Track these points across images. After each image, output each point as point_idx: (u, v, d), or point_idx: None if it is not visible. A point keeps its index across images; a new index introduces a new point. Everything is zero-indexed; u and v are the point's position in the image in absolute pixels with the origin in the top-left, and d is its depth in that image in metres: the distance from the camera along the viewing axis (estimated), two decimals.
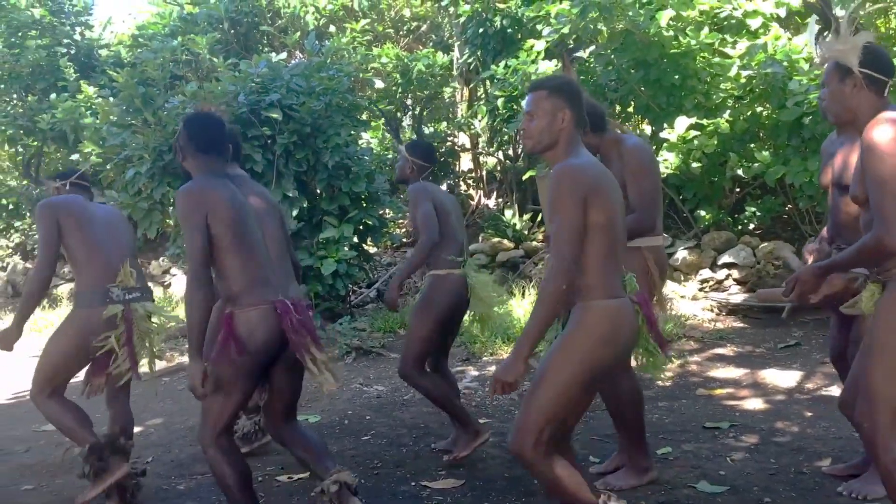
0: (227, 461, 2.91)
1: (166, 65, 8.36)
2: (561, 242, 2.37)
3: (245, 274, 2.88)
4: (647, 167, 3.45)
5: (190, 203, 2.84)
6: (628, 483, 3.41)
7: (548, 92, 2.57)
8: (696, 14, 7.50)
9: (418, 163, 4.14)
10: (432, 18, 13.36)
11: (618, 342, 2.45)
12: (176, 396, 5.85)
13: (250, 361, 2.87)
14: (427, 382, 4.00)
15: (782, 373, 5.42)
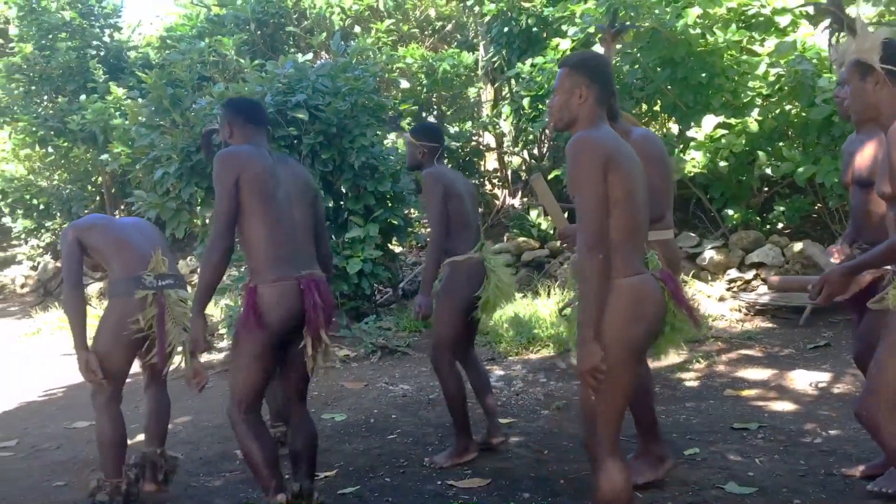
0: (254, 437, 2.97)
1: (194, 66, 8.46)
2: (588, 217, 2.32)
3: (270, 246, 2.94)
4: (653, 157, 3.34)
5: (224, 164, 2.93)
6: (646, 478, 3.38)
7: (569, 68, 2.54)
8: (723, 11, 7.43)
9: (427, 145, 4.09)
10: (457, 18, 13.36)
11: (647, 318, 2.38)
12: (204, 394, 5.87)
13: (269, 335, 2.93)
14: (452, 378, 3.96)
15: (811, 373, 5.35)
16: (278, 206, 2.99)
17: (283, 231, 2.99)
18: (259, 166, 2.96)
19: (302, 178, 3.20)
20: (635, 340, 2.37)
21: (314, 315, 2.97)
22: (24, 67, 12.09)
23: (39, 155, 13.18)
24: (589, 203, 2.32)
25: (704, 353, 6.03)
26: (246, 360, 2.96)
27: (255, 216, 2.93)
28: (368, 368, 6.35)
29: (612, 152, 2.36)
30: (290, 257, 2.99)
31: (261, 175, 2.94)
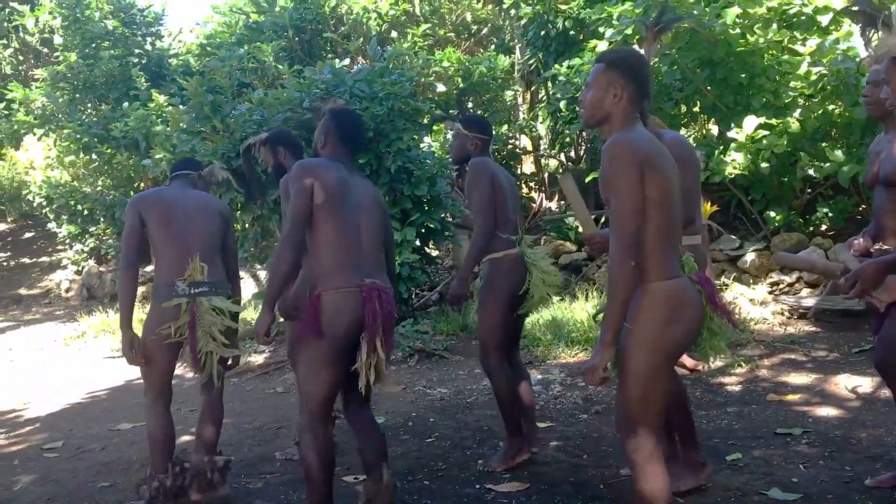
0: (315, 452, 2.99)
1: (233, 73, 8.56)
2: (622, 219, 2.29)
3: (336, 253, 2.99)
4: (683, 160, 3.28)
5: (303, 171, 3.01)
6: (687, 485, 3.34)
7: (605, 65, 2.49)
8: (763, 11, 7.32)
9: (480, 137, 4.08)
10: (493, 21, 13.37)
11: (683, 321, 2.36)
12: (244, 397, 5.97)
13: (334, 344, 2.96)
14: (503, 378, 3.92)
15: (857, 378, 5.24)
16: (348, 215, 3.04)
17: (349, 239, 3.03)
18: (333, 176, 3.04)
19: (372, 192, 3.25)
20: (672, 343, 2.35)
21: (372, 323, 2.98)
22: (68, 76, 12.35)
23: (83, 161, 13.46)
24: (624, 207, 2.29)
25: (746, 357, 5.94)
26: (312, 368, 2.98)
27: (325, 223, 2.99)
28: (406, 372, 6.37)
29: (649, 154, 2.33)
30: (355, 265, 3.02)
31: (334, 184, 3.02)
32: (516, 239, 3.99)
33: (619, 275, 2.29)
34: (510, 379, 3.96)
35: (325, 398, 3.01)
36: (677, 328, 2.35)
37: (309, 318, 2.96)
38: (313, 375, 2.98)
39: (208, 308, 3.55)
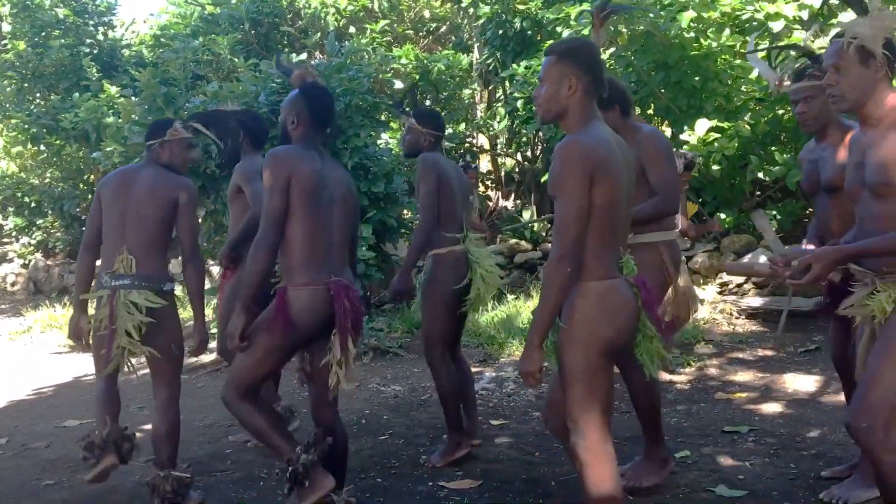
0: (255, 411, 2.98)
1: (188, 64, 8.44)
2: (566, 225, 2.28)
3: (306, 249, 2.95)
4: (664, 153, 3.42)
5: (277, 164, 2.92)
6: (651, 480, 3.39)
7: (557, 57, 2.43)
8: (717, 16, 7.45)
9: (432, 132, 4.06)
10: (452, 19, 13.38)
11: (616, 321, 2.37)
12: (195, 394, 5.89)
13: (293, 337, 2.95)
14: (444, 373, 3.96)
15: (802, 377, 5.37)
16: (321, 209, 2.99)
17: (321, 234, 2.99)
18: (308, 169, 2.96)
19: (346, 183, 3.19)
20: (605, 342, 2.36)
21: (344, 320, 2.97)
22: (16, 65, 12.04)
23: (31, 152, 13.13)
24: (569, 212, 2.28)
25: (696, 357, 6.04)
26: (261, 352, 2.95)
27: (298, 218, 2.93)
28: (360, 369, 6.34)
29: (601, 160, 2.31)
30: (324, 261, 2.99)
31: (310, 178, 2.94)
32: (461, 236, 4.00)
33: (555, 278, 2.29)
34: (452, 373, 4.00)
35: (259, 382, 3.03)
36: (610, 327, 2.36)
37: (276, 311, 2.93)
38: (258, 359, 2.95)
39: (124, 302, 3.38)
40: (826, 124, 3.35)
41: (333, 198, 3.07)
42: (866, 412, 2.33)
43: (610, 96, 3.26)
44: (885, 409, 2.31)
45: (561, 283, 2.30)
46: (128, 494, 3.69)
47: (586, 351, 2.35)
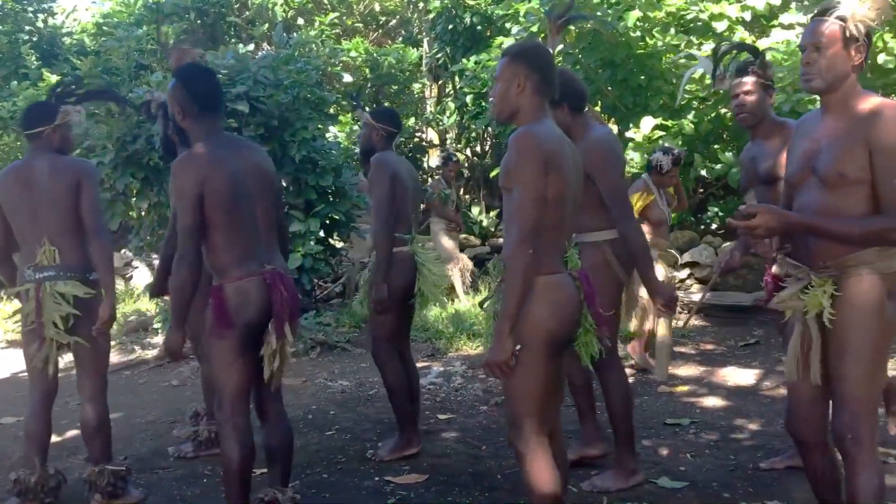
0: (237, 443, 2.90)
1: (131, 54, 8.25)
2: (524, 212, 2.33)
3: (234, 247, 2.87)
4: (609, 161, 3.34)
5: (186, 175, 2.80)
6: (616, 485, 3.40)
7: (509, 58, 2.52)
8: (662, 15, 7.57)
9: (386, 129, 4.03)
10: (402, 13, 13.34)
11: (559, 316, 2.41)
12: (137, 390, 5.78)
13: (243, 332, 2.87)
14: (392, 370, 3.98)
15: (742, 371, 5.51)
16: (244, 209, 2.89)
17: (246, 230, 2.90)
18: (221, 175, 2.82)
19: (262, 168, 3.04)
20: (552, 334, 2.40)
21: (281, 310, 2.91)
22: None
23: None
24: (527, 198, 2.33)
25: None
26: (225, 361, 2.89)
27: (218, 222, 2.84)
28: (308, 364, 6.30)
29: (554, 151, 2.38)
30: (254, 253, 2.92)
31: (224, 183, 2.82)
32: (409, 237, 4.00)
33: (518, 264, 2.32)
34: (399, 370, 4.01)
35: (242, 389, 2.94)
36: (554, 322, 2.40)
37: (213, 311, 2.86)
38: (227, 368, 2.89)
39: (51, 293, 3.29)
40: (762, 119, 3.43)
41: (252, 191, 2.94)
42: (850, 426, 2.30)
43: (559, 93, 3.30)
44: (868, 415, 2.30)
45: (525, 266, 2.32)
46: (68, 491, 3.60)
47: (533, 342, 2.38)
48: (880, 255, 2.29)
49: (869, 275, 2.29)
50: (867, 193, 2.29)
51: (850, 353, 2.31)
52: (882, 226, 2.26)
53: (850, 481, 2.33)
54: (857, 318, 2.30)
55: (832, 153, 2.34)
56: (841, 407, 2.34)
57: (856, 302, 2.30)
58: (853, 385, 2.31)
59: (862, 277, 2.30)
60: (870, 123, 2.26)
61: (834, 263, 2.33)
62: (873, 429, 2.31)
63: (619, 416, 3.46)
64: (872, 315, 2.29)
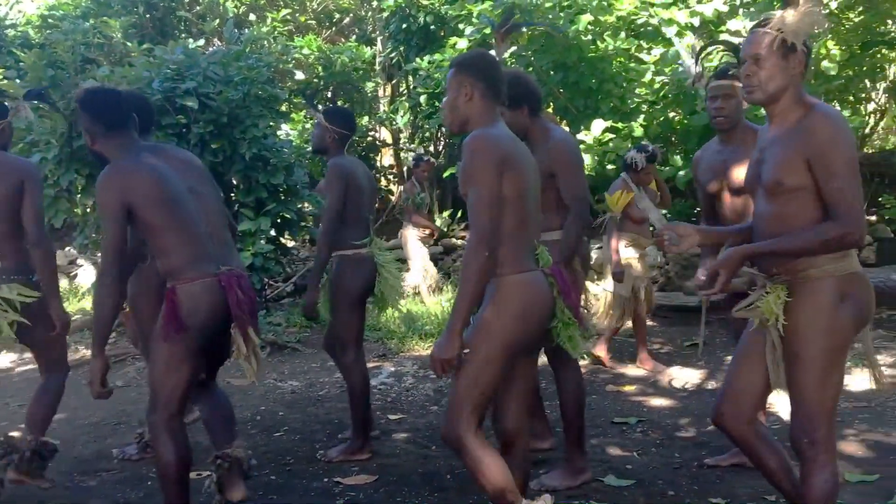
0: (174, 446, 2.85)
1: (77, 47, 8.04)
2: (480, 212, 2.35)
3: (184, 249, 2.81)
4: (573, 162, 3.44)
5: (109, 191, 2.73)
6: (564, 484, 3.43)
7: (456, 68, 2.56)
8: (613, 20, 7.67)
9: (339, 131, 4.00)
10: (355, 11, 13.27)
11: (531, 317, 2.44)
12: (80, 391, 5.64)
13: (195, 337, 2.81)
14: (357, 374, 3.95)
15: (688, 370, 5.60)
16: (184, 208, 2.84)
17: (194, 231, 2.85)
18: (151, 181, 2.77)
19: (192, 165, 3.04)
20: (513, 337, 2.41)
21: (240, 312, 2.86)
22: None
23: None
24: (482, 199, 2.35)
25: (589, 350, 6.21)
26: (172, 363, 2.82)
27: (165, 228, 2.78)
28: None
29: (508, 152, 2.41)
30: (207, 254, 2.86)
31: (156, 188, 2.77)
32: (367, 240, 3.99)
33: (474, 264, 2.33)
34: (365, 374, 3.99)
35: (183, 394, 2.88)
36: (521, 323, 2.42)
37: (167, 313, 2.79)
38: (172, 371, 2.82)
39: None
40: (736, 124, 3.47)
41: (187, 187, 2.91)
42: (804, 429, 2.34)
43: (518, 95, 3.33)
44: (823, 418, 2.33)
45: (480, 268, 2.33)
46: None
47: (491, 342, 2.39)
48: (829, 258, 2.31)
49: (818, 279, 2.32)
50: (812, 199, 2.32)
51: (801, 359, 2.34)
52: (836, 231, 2.26)
53: (805, 482, 2.37)
54: (806, 323, 2.32)
55: (771, 162, 2.39)
56: (796, 412, 2.38)
57: (805, 308, 2.33)
58: (806, 390, 2.34)
59: (812, 283, 2.33)
60: (803, 131, 2.31)
61: (784, 270, 2.37)
62: (829, 431, 2.34)
63: (571, 414, 3.50)
64: (822, 319, 2.31)
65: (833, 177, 2.26)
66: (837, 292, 2.31)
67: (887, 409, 4.53)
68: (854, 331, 2.37)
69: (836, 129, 2.28)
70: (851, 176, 2.26)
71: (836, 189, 2.26)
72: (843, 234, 2.26)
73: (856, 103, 9.88)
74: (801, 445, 2.36)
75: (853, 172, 2.27)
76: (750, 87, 2.40)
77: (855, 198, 2.26)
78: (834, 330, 2.32)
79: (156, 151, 2.98)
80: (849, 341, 2.38)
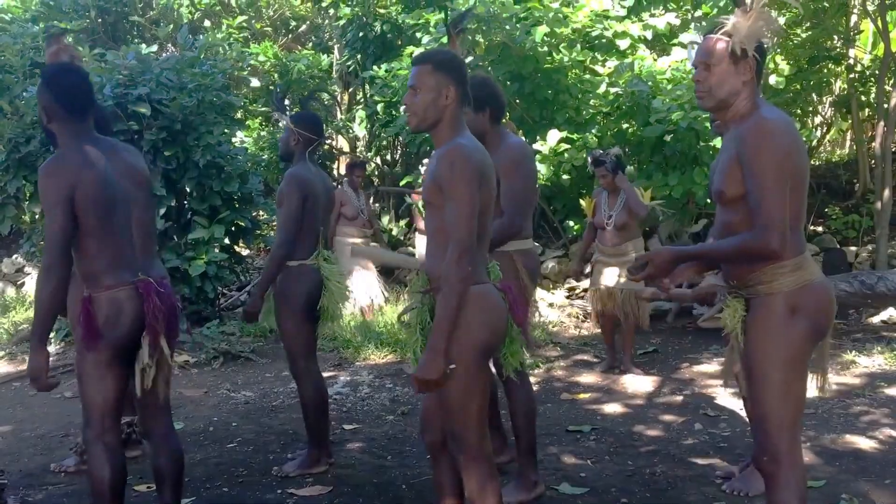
0: (108, 462, 2.74)
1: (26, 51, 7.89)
2: (461, 226, 2.31)
3: (106, 254, 2.72)
4: (520, 168, 3.39)
5: (56, 180, 2.64)
6: (517, 498, 3.40)
7: (433, 66, 2.46)
8: (569, 32, 7.77)
9: (305, 135, 3.94)
10: (312, 19, 13.22)
11: (490, 324, 2.42)
12: (27, 403, 5.51)
13: (114, 345, 2.73)
14: (310, 386, 3.88)
15: (640, 378, 5.67)
16: (117, 214, 2.76)
17: (120, 237, 2.77)
18: (94, 180, 2.68)
19: (137, 169, 2.92)
20: (484, 344, 2.41)
21: (153, 320, 2.77)
22: None
23: None
24: (464, 213, 2.32)
25: (544, 359, 6.26)
26: (94, 375, 2.73)
27: (93, 231, 2.69)
28: (209, 375, 6.15)
29: (483, 167, 2.40)
30: (128, 261, 2.78)
31: (94, 184, 2.67)
32: (315, 252, 3.92)
33: (457, 281, 2.30)
34: (318, 385, 3.93)
35: (113, 406, 2.79)
36: (486, 330, 2.41)
37: (83, 322, 2.69)
38: (97, 383, 2.73)
39: None
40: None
41: (125, 193, 2.81)
42: (763, 445, 2.32)
43: (483, 97, 3.32)
44: (783, 433, 2.28)
45: (463, 283, 2.31)
46: None
47: (465, 354, 2.37)
48: (774, 273, 2.28)
49: (768, 294, 2.30)
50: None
51: (755, 375, 2.32)
52: (752, 241, 2.24)
53: (769, 499, 2.34)
54: (757, 339, 2.31)
55: (716, 171, 2.42)
56: (756, 429, 2.36)
57: (756, 323, 2.32)
58: (763, 406, 2.31)
59: (762, 298, 2.31)
60: (737, 137, 2.30)
61: (739, 283, 2.36)
62: (790, 447, 2.29)
63: (522, 428, 3.48)
64: (773, 335, 2.28)
65: (754, 185, 2.23)
66: (787, 306, 2.27)
67: (833, 415, 4.64)
68: (809, 343, 2.32)
69: (762, 134, 2.24)
70: (774, 184, 2.21)
71: (754, 197, 2.23)
72: (758, 244, 2.23)
73: (803, 116, 10.13)
74: (760, 462, 2.33)
75: (776, 180, 2.21)
76: (700, 93, 2.40)
77: (775, 207, 2.21)
78: (786, 345, 2.27)
79: (103, 144, 2.85)
80: (805, 354, 2.32)
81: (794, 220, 2.30)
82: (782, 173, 2.23)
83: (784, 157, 2.23)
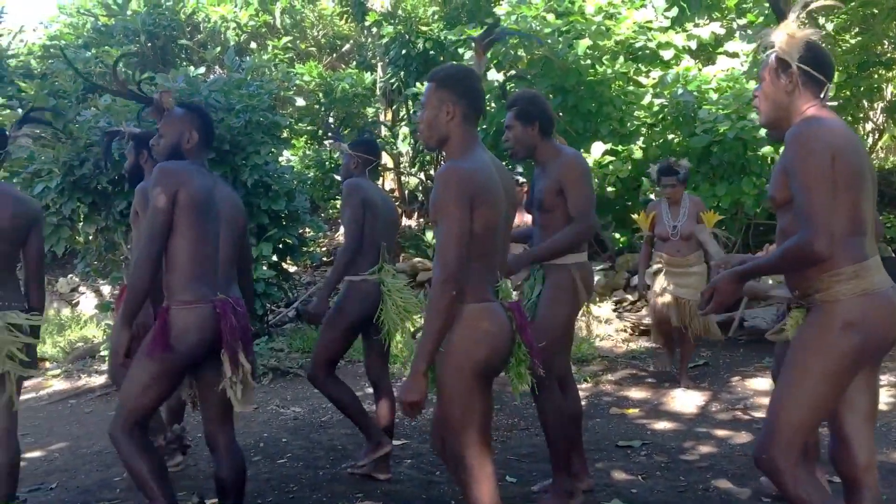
0: (140, 452, 2.81)
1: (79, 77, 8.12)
2: (447, 249, 2.27)
3: (191, 266, 2.83)
4: (584, 176, 3.48)
5: (164, 179, 2.81)
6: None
7: (436, 84, 2.45)
8: (612, 44, 7.74)
9: (362, 156, 4.09)
10: (355, 38, 13.38)
11: (490, 342, 2.37)
12: (83, 420, 5.64)
13: (178, 359, 2.81)
14: (333, 389, 3.96)
15: (692, 392, 5.58)
16: (208, 227, 2.89)
17: (206, 251, 2.88)
18: (199, 184, 2.86)
19: (234, 201, 3.12)
20: (480, 364, 2.35)
21: (230, 338, 2.86)
22: None
23: None
24: (450, 236, 2.28)
25: (591, 373, 6.20)
26: (147, 379, 2.80)
27: (184, 234, 2.82)
28: (259, 391, 6.21)
29: (481, 185, 2.33)
30: (210, 278, 2.89)
31: (199, 192, 2.84)
32: (377, 267, 3.97)
33: (440, 301, 2.27)
34: (339, 386, 3.99)
35: (149, 412, 2.89)
36: (484, 349, 2.35)
37: (157, 331, 2.80)
38: (146, 387, 2.80)
39: (3, 326, 3.17)
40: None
41: (221, 215, 2.98)
42: (762, 443, 2.28)
43: (531, 112, 3.43)
44: (782, 441, 2.24)
45: (446, 307, 2.27)
46: None
47: (461, 373, 2.34)
48: (831, 281, 2.21)
49: (824, 302, 2.23)
50: None
51: (783, 376, 2.29)
52: (796, 243, 2.19)
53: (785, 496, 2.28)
54: (803, 345, 2.25)
55: (772, 177, 2.41)
56: (763, 426, 2.33)
57: (806, 330, 2.28)
58: (776, 403, 2.27)
59: (816, 307, 2.26)
60: (786, 146, 2.27)
61: (801, 293, 2.31)
62: (787, 453, 2.22)
63: (552, 439, 3.46)
64: (819, 345, 2.22)
65: (797, 188, 2.20)
66: (842, 318, 2.20)
67: (892, 429, 4.51)
68: (857, 359, 2.22)
69: (802, 137, 2.21)
70: (816, 186, 2.16)
71: (800, 202, 2.19)
72: (803, 247, 2.16)
73: (854, 123, 9.93)
74: (761, 463, 2.29)
75: (819, 182, 2.17)
76: (758, 110, 2.43)
77: (817, 209, 2.15)
78: (828, 358, 2.20)
79: (210, 174, 3.07)
80: (846, 371, 2.22)
81: (852, 223, 2.23)
82: (825, 175, 2.17)
83: (828, 159, 2.18)
